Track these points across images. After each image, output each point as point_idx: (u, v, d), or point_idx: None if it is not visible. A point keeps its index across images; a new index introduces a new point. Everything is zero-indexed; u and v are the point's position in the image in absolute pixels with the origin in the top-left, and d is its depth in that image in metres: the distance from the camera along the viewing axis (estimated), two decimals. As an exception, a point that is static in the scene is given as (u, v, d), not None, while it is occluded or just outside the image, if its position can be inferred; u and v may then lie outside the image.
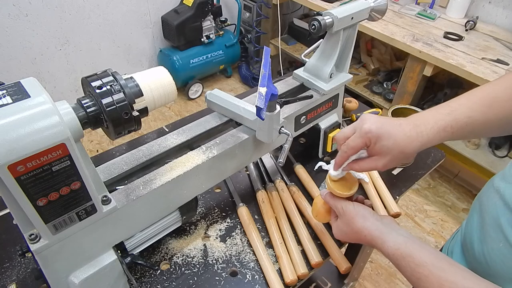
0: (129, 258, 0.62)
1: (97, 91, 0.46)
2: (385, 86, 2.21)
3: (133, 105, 0.49)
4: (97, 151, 2.27)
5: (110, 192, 0.56)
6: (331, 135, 0.90)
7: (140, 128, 0.51)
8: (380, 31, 1.84)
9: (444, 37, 1.81)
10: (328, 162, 0.65)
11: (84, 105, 0.47)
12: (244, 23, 2.82)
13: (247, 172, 0.94)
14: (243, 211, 0.81)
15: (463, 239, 0.63)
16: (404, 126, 0.53)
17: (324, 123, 0.90)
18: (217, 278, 0.71)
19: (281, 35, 2.57)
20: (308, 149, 1.01)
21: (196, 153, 0.66)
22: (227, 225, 0.81)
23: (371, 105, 2.08)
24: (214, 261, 0.73)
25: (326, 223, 0.78)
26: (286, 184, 0.88)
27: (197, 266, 0.73)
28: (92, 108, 0.47)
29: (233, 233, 0.79)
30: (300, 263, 0.71)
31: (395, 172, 0.97)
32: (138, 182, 0.59)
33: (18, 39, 2.05)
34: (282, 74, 2.75)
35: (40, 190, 0.43)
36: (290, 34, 2.72)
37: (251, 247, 0.76)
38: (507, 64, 1.60)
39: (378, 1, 0.78)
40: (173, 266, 0.72)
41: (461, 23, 1.93)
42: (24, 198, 0.42)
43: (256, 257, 0.74)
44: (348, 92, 2.18)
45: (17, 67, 2.13)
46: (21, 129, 0.39)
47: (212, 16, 2.50)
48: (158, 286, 0.69)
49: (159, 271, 0.71)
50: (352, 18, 0.75)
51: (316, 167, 0.92)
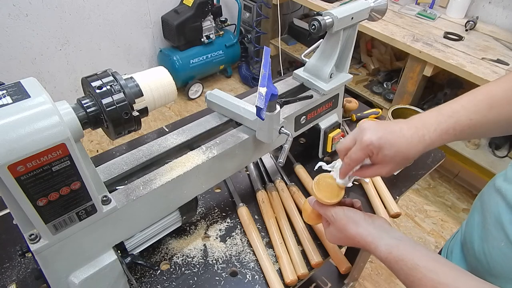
0: (129, 258, 0.62)
1: (97, 91, 0.46)
2: (385, 86, 2.21)
3: (133, 105, 0.49)
4: (97, 151, 2.27)
5: (110, 192, 0.56)
6: (331, 135, 0.90)
7: (140, 128, 0.51)
8: (380, 31, 1.84)
9: (444, 37, 1.81)
10: (328, 162, 0.65)
11: (84, 105, 0.47)
12: (244, 23, 2.82)
13: (247, 172, 0.94)
14: (243, 211, 0.81)
15: (463, 238, 0.63)
16: (405, 131, 0.53)
17: (324, 123, 0.90)
18: (217, 278, 0.71)
19: (281, 35, 2.56)
20: (308, 149, 1.01)
21: (196, 153, 0.66)
22: (227, 225, 0.81)
23: (371, 105, 2.08)
24: (214, 261, 0.73)
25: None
26: (286, 184, 0.88)
27: (197, 266, 0.73)
28: (92, 108, 0.47)
29: (233, 233, 0.79)
30: (300, 263, 0.71)
31: (395, 172, 0.97)
32: (138, 182, 0.59)
33: (18, 39, 2.05)
34: (282, 74, 2.75)
35: (40, 190, 0.43)
36: (290, 34, 2.72)
37: (251, 247, 0.76)
38: (507, 64, 1.60)
39: (378, 1, 0.78)
40: (173, 266, 0.72)
41: (461, 23, 1.93)
42: (24, 198, 0.42)
43: (256, 257, 0.74)
44: (348, 92, 2.18)
45: (17, 67, 2.13)
46: (21, 129, 0.39)
47: (212, 16, 2.50)
48: (158, 286, 0.69)
49: (159, 271, 0.71)
50: (352, 18, 0.75)
51: (316, 167, 0.92)
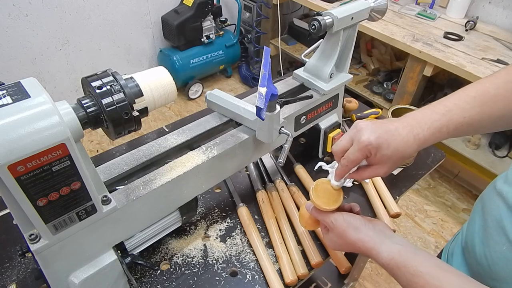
0: (129, 258, 0.62)
1: (97, 91, 0.46)
2: (385, 86, 2.21)
3: (133, 105, 0.49)
4: (97, 151, 2.27)
5: (110, 192, 0.56)
6: (331, 135, 0.90)
7: (140, 128, 0.51)
8: (380, 31, 1.84)
9: (444, 37, 1.81)
10: (328, 162, 0.65)
11: (84, 105, 0.47)
12: (244, 23, 2.82)
13: (247, 172, 0.94)
14: (243, 211, 0.81)
15: (464, 241, 0.63)
16: (400, 130, 0.53)
17: (324, 123, 0.90)
18: (217, 278, 0.71)
19: (281, 35, 2.56)
20: (308, 149, 1.01)
21: (196, 153, 0.66)
22: (227, 225, 0.81)
23: (371, 105, 2.08)
24: (214, 261, 0.73)
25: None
26: (286, 184, 0.88)
27: (197, 266, 0.73)
28: (92, 108, 0.47)
29: (233, 233, 0.79)
30: (300, 263, 0.71)
31: (395, 172, 0.97)
32: (138, 182, 0.59)
33: (18, 39, 2.05)
34: (282, 74, 2.75)
35: (40, 190, 0.43)
36: (290, 34, 2.72)
37: (251, 247, 0.76)
38: (507, 64, 1.60)
39: (378, 1, 0.78)
40: (173, 266, 0.72)
41: (461, 23, 1.93)
42: (24, 198, 0.42)
43: (256, 257, 0.74)
44: (348, 92, 2.18)
45: (17, 67, 2.13)
46: (21, 129, 0.39)
47: (212, 16, 2.50)
48: (158, 286, 0.69)
49: (159, 271, 0.71)
50: (352, 18, 0.75)
51: (316, 167, 0.92)
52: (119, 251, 0.61)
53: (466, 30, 1.87)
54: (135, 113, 0.49)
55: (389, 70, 2.33)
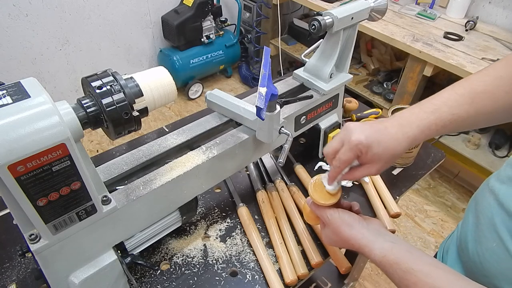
0: (129, 258, 0.62)
1: (97, 91, 0.46)
2: (385, 86, 2.21)
3: (133, 105, 0.49)
4: (97, 151, 2.27)
5: (110, 192, 0.56)
6: (331, 135, 0.90)
7: (140, 128, 0.51)
8: (380, 31, 1.84)
9: (444, 37, 1.81)
10: (328, 162, 0.65)
11: (84, 105, 0.47)
12: (244, 23, 2.82)
13: (247, 172, 0.94)
14: (243, 211, 0.81)
15: (458, 238, 0.63)
16: (390, 129, 0.54)
17: (324, 123, 0.90)
18: (217, 278, 0.71)
19: (281, 35, 2.56)
20: (308, 149, 1.01)
21: (196, 153, 0.66)
22: (227, 225, 0.81)
23: (371, 105, 2.08)
24: (214, 261, 0.73)
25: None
26: (286, 184, 0.88)
27: (197, 266, 0.73)
28: (92, 108, 0.47)
29: (233, 233, 0.79)
30: (300, 263, 0.71)
31: (395, 172, 0.97)
32: (138, 182, 0.59)
33: (18, 39, 2.05)
34: (282, 74, 2.75)
35: (40, 190, 0.43)
36: (290, 34, 2.72)
37: (251, 247, 0.76)
38: (507, 64, 1.60)
39: (378, 1, 0.78)
40: (173, 266, 0.72)
41: (461, 23, 1.93)
42: (24, 198, 0.42)
43: (256, 257, 0.74)
44: (348, 92, 2.18)
45: (17, 67, 2.13)
46: (21, 129, 0.39)
47: (212, 16, 2.50)
48: (158, 286, 0.69)
49: (159, 271, 0.71)
50: (352, 18, 0.75)
51: (316, 167, 0.92)
52: (119, 251, 0.61)
53: (466, 30, 1.87)
54: (135, 113, 0.49)
55: (389, 70, 2.33)
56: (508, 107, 0.53)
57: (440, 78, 2.13)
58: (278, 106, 0.64)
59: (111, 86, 0.47)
